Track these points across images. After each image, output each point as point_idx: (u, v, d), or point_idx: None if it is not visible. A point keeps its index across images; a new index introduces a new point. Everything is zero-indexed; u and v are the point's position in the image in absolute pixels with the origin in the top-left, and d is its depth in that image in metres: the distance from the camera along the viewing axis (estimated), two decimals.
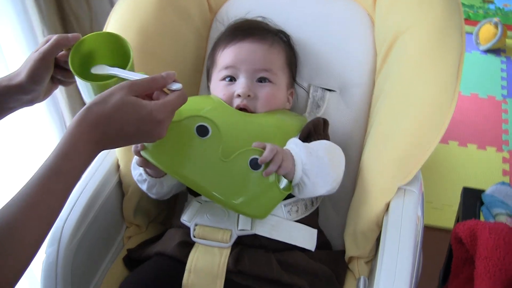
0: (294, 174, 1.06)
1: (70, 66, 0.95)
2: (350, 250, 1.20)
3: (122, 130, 0.87)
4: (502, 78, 2.86)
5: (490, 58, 3.01)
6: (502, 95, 2.73)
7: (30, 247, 0.78)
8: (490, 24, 3.03)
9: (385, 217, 1.12)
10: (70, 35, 0.98)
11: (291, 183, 1.08)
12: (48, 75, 0.99)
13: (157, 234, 1.27)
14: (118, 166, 1.26)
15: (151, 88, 0.92)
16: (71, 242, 1.09)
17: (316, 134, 1.20)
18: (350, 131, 1.30)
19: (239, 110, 1.17)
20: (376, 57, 1.29)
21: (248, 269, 1.06)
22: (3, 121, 1.01)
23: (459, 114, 2.57)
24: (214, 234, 1.10)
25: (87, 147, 0.84)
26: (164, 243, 1.16)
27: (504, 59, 3.00)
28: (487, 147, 2.43)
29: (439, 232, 1.98)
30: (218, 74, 1.23)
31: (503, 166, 2.33)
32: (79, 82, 0.97)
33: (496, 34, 2.97)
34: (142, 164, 1.10)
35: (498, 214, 1.38)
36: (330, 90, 1.32)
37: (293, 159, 1.06)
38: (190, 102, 0.96)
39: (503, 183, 1.51)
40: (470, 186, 1.54)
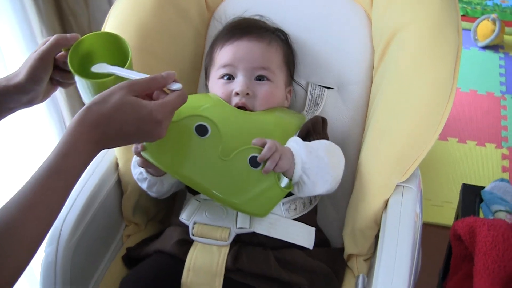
0: (293, 172, 1.06)
1: (69, 64, 0.95)
2: (349, 248, 1.21)
3: (122, 129, 0.87)
4: (501, 74, 2.86)
5: (489, 54, 3.02)
6: (501, 91, 2.74)
7: (29, 247, 0.78)
8: (488, 20, 3.03)
9: (383, 214, 1.12)
10: (69, 35, 0.98)
11: (291, 181, 1.08)
12: (47, 75, 0.99)
13: (156, 232, 1.27)
14: (117, 165, 1.26)
15: (151, 87, 0.92)
16: (70, 241, 1.09)
17: (315, 133, 1.20)
18: (348, 129, 1.30)
19: (238, 108, 1.17)
20: (373, 54, 1.29)
21: (246, 267, 1.07)
22: (3, 121, 1.01)
23: (458, 111, 2.58)
24: (213, 232, 1.10)
25: (87, 147, 0.84)
26: (163, 241, 1.16)
27: (502, 55, 3.01)
28: (486, 144, 2.43)
29: (439, 229, 1.98)
30: (216, 73, 1.23)
31: (503, 163, 2.34)
32: (78, 81, 0.97)
33: (494, 31, 2.98)
34: (143, 164, 1.11)
35: (497, 211, 1.38)
36: (329, 88, 1.32)
37: (292, 157, 1.06)
38: (189, 101, 0.96)
39: (502, 180, 1.52)
40: (470, 182, 1.54)
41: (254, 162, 1.05)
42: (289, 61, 1.29)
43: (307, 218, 1.17)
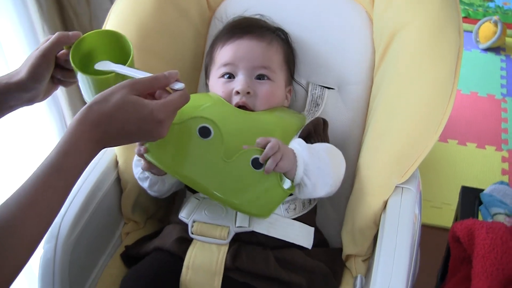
0: (295, 173, 1.06)
1: (71, 61, 0.95)
2: (348, 248, 1.21)
3: (123, 129, 0.87)
4: (502, 77, 2.86)
5: (490, 56, 3.02)
6: (502, 94, 2.74)
7: (28, 244, 0.79)
8: (489, 22, 3.03)
9: (382, 215, 1.12)
10: (71, 33, 0.99)
11: (293, 183, 1.08)
12: (48, 73, 0.99)
13: (155, 230, 1.27)
14: (116, 163, 1.26)
15: (153, 87, 0.91)
16: (69, 238, 1.09)
17: (316, 134, 1.20)
18: (348, 129, 1.30)
19: (239, 108, 1.17)
20: (374, 54, 1.29)
21: (245, 266, 1.07)
22: (4, 119, 1.01)
23: (459, 113, 2.58)
24: (212, 231, 1.10)
25: (88, 146, 0.84)
26: (162, 239, 1.16)
27: (503, 58, 3.01)
28: (487, 146, 2.43)
29: (438, 230, 1.98)
30: (216, 72, 1.23)
31: (502, 165, 2.34)
32: (80, 79, 0.97)
33: (495, 33, 2.97)
34: (147, 168, 1.11)
35: (496, 214, 1.38)
36: (329, 88, 1.32)
37: (295, 159, 1.06)
38: (190, 100, 0.96)
39: (502, 183, 1.52)
40: (469, 185, 1.54)
41: (256, 164, 1.05)
42: (289, 60, 1.29)
43: (307, 218, 1.17)
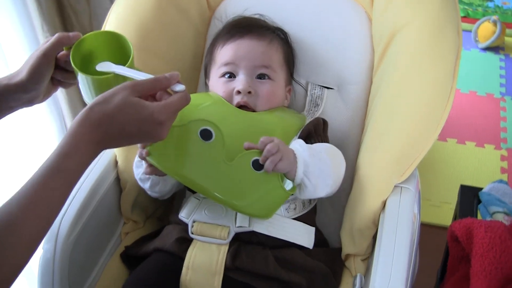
0: (295, 174, 1.06)
1: (72, 61, 0.95)
2: (347, 248, 1.21)
3: (124, 130, 0.87)
4: (501, 76, 2.86)
5: (489, 56, 3.02)
6: (501, 93, 2.74)
7: (29, 245, 0.79)
8: (489, 22, 3.03)
9: (381, 215, 1.12)
10: (71, 34, 0.99)
11: (294, 183, 1.08)
12: (48, 74, 0.99)
13: (154, 230, 1.27)
14: (116, 162, 1.26)
15: (154, 88, 0.92)
16: (69, 238, 1.09)
17: (316, 134, 1.20)
18: (348, 129, 1.30)
19: (240, 108, 1.17)
20: (373, 55, 1.30)
21: (245, 265, 1.07)
22: (4, 120, 1.01)
23: (458, 112, 2.58)
24: (212, 231, 1.10)
25: (89, 147, 0.84)
26: (162, 239, 1.16)
27: (503, 57, 3.01)
28: (486, 145, 2.43)
29: (437, 229, 1.98)
30: (217, 71, 1.23)
31: (501, 164, 2.34)
32: (80, 79, 0.97)
33: (494, 32, 2.98)
34: (149, 172, 1.11)
35: (495, 212, 1.38)
36: (328, 88, 1.32)
37: (295, 160, 1.06)
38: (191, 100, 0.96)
39: (501, 181, 1.52)
40: (468, 183, 1.54)
41: (257, 165, 1.05)
42: (289, 60, 1.29)
43: (307, 218, 1.17)
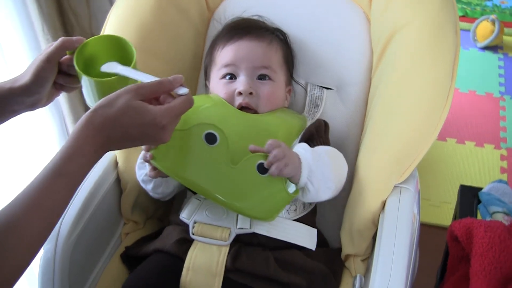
0: (299, 178, 1.07)
1: (75, 64, 0.96)
2: (347, 248, 1.21)
3: (127, 133, 0.87)
4: (500, 75, 2.86)
5: (488, 55, 3.02)
6: (500, 92, 2.74)
7: (31, 247, 0.79)
8: (487, 21, 3.04)
9: (381, 215, 1.12)
10: (75, 38, 0.99)
11: (297, 186, 1.08)
12: (52, 78, 0.99)
13: (154, 230, 1.27)
14: (116, 163, 1.27)
15: (158, 91, 0.92)
16: (69, 239, 1.09)
17: (318, 137, 1.20)
18: (347, 130, 1.30)
19: (241, 109, 1.18)
20: (372, 55, 1.30)
21: (245, 267, 1.07)
22: (5, 123, 1.01)
23: (457, 111, 2.58)
24: (213, 232, 1.11)
25: (92, 150, 0.85)
26: (162, 240, 1.16)
27: (501, 56, 3.01)
28: (485, 145, 2.43)
29: (437, 229, 1.98)
30: (218, 73, 1.23)
31: (501, 164, 2.34)
32: (84, 82, 0.97)
33: (493, 31, 2.98)
34: (153, 175, 1.11)
35: (495, 212, 1.38)
36: (328, 88, 1.32)
37: (300, 164, 1.06)
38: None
39: (501, 181, 1.52)
40: (468, 183, 1.54)
41: (262, 169, 1.05)
42: (288, 60, 1.29)
43: (307, 219, 1.17)
